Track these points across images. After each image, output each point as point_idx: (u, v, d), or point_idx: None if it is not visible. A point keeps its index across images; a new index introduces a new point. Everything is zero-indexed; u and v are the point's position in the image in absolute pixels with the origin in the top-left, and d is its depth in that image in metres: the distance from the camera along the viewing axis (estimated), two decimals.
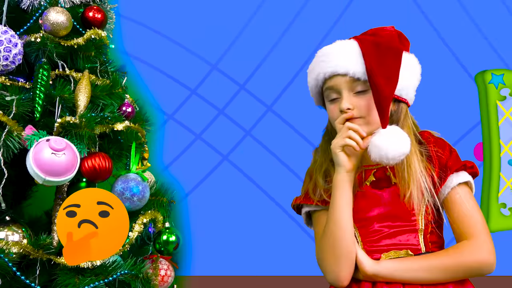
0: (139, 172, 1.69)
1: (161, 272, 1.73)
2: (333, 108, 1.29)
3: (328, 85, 1.28)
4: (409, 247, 1.24)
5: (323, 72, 1.28)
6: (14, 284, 1.44)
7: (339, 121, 1.26)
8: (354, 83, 1.25)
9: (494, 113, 2.36)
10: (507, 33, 2.41)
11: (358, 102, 1.25)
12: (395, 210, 1.26)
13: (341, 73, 1.25)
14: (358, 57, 1.25)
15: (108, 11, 1.86)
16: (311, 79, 1.33)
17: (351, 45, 1.28)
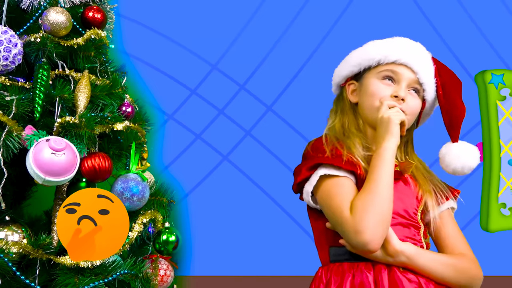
0: (138, 172, 1.69)
1: (160, 272, 1.73)
2: (382, 85, 1.31)
3: (394, 69, 1.32)
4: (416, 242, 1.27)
5: (399, 56, 1.32)
6: (13, 284, 1.44)
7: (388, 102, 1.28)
8: (415, 83, 1.32)
9: (494, 113, 2.35)
10: (507, 33, 2.41)
11: (410, 100, 1.31)
12: (404, 203, 1.29)
13: (414, 69, 1.32)
14: (430, 67, 1.35)
15: (108, 11, 1.86)
16: (376, 52, 1.34)
17: (427, 54, 1.38)
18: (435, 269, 1.23)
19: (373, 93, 1.32)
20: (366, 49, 1.38)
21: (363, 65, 1.35)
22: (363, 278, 1.21)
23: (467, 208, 2.33)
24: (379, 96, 1.30)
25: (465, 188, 2.33)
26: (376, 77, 1.33)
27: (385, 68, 1.32)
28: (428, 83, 1.33)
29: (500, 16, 2.42)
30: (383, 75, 1.32)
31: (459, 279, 1.26)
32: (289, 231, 2.28)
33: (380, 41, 1.38)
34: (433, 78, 1.34)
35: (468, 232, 2.29)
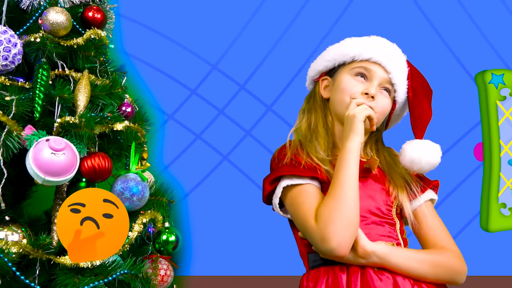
0: (138, 172, 1.69)
1: (160, 272, 1.73)
2: (354, 81, 1.32)
3: (367, 66, 1.32)
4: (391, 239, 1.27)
5: (373, 54, 1.32)
6: (13, 284, 1.44)
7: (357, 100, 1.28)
8: (387, 83, 1.33)
9: (494, 113, 2.36)
10: (507, 33, 2.41)
11: (380, 98, 1.32)
12: (376, 201, 1.29)
13: (387, 68, 1.32)
14: (403, 69, 1.35)
15: (108, 11, 1.86)
16: (351, 48, 1.35)
17: (402, 57, 1.38)
18: (410, 267, 1.22)
19: (344, 89, 1.32)
20: (342, 45, 1.38)
21: (338, 60, 1.36)
22: (336, 280, 1.22)
23: (467, 208, 2.34)
24: (349, 92, 1.31)
25: (465, 188, 2.35)
26: (349, 73, 1.33)
27: (359, 65, 1.32)
28: (400, 84, 1.33)
29: (500, 16, 2.42)
30: (356, 71, 1.32)
31: (439, 274, 1.24)
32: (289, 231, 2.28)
33: (357, 38, 1.39)
34: (405, 80, 1.34)
35: (468, 232, 2.31)
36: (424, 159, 1.28)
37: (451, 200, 2.40)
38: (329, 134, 1.34)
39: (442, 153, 1.33)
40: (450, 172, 2.33)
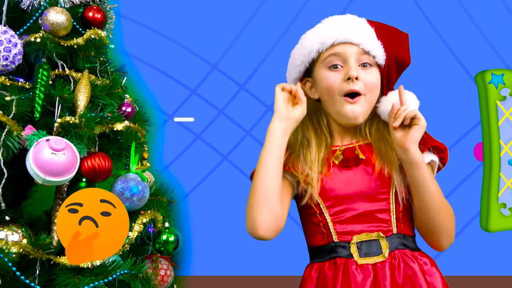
0: (138, 172, 1.69)
1: (160, 272, 1.73)
2: (333, 75, 1.27)
3: (336, 51, 1.27)
4: (380, 227, 1.24)
5: (335, 37, 1.27)
6: (13, 284, 1.44)
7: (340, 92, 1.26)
8: (363, 55, 1.27)
9: (494, 113, 2.36)
10: (507, 33, 2.41)
11: (364, 75, 1.27)
12: (366, 188, 1.26)
13: (354, 42, 1.27)
14: (370, 33, 1.30)
15: (108, 11, 1.87)
16: (311, 43, 1.30)
17: (362, 21, 1.34)
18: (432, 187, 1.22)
19: (327, 87, 1.28)
20: (303, 44, 1.33)
21: (306, 61, 1.32)
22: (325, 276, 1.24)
23: (467, 208, 2.34)
24: (334, 88, 1.27)
25: (465, 188, 2.35)
26: (323, 67, 1.29)
27: (327, 54, 1.28)
28: (374, 49, 1.28)
29: (500, 16, 2.42)
30: (328, 63, 1.28)
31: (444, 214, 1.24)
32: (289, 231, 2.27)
33: (312, 30, 1.34)
34: (377, 41, 1.29)
35: (468, 232, 2.31)
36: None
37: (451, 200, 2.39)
38: (323, 137, 1.32)
39: None
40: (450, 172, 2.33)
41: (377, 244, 1.23)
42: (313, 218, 1.30)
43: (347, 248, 1.24)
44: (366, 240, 1.23)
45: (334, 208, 1.26)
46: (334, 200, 1.27)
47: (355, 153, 1.28)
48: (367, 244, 1.23)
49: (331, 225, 1.26)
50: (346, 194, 1.26)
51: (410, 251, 1.25)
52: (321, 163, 1.29)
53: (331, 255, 1.26)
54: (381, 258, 1.22)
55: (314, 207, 1.29)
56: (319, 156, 1.29)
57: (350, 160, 1.28)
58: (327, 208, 1.27)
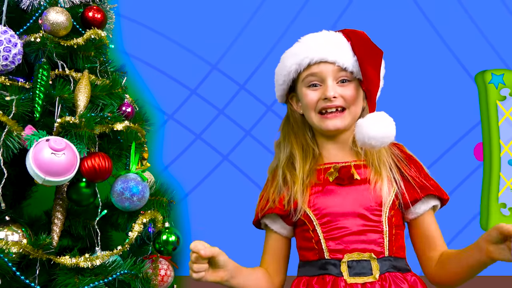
0: (138, 172, 1.69)
1: (161, 272, 1.73)
2: (311, 93, 1.29)
3: (312, 71, 1.28)
4: (373, 248, 1.23)
5: (310, 57, 1.28)
6: (13, 284, 1.43)
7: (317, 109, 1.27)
8: (340, 72, 1.27)
9: (494, 113, 2.36)
10: (507, 33, 2.41)
11: (343, 91, 1.27)
12: (360, 208, 1.25)
13: (329, 60, 1.27)
14: (345, 48, 1.28)
15: (108, 11, 1.86)
16: (290, 64, 1.31)
17: (338, 36, 1.31)
18: None
19: (306, 105, 1.31)
20: (283, 63, 1.35)
21: (287, 80, 1.34)
22: None
23: (467, 208, 2.35)
24: (309, 106, 1.29)
25: (465, 188, 2.35)
26: (304, 86, 1.31)
27: (306, 74, 1.29)
28: (351, 65, 1.27)
29: (500, 16, 2.42)
30: (307, 83, 1.30)
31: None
32: None
33: (290, 50, 1.34)
34: (353, 57, 1.27)
35: (468, 232, 2.31)
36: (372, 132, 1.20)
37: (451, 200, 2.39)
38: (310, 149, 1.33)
39: (443, 153, 1.31)
40: (450, 172, 2.33)
41: (368, 265, 1.22)
42: (305, 233, 1.30)
43: (337, 266, 1.23)
44: (357, 259, 1.23)
45: (328, 225, 1.26)
46: (328, 217, 1.26)
47: (350, 172, 1.27)
48: (358, 263, 1.22)
49: (323, 242, 1.26)
50: (341, 212, 1.25)
51: (400, 273, 1.25)
52: (307, 173, 1.30)
53: (320, 271, 1.25)
54: (371, 279, 1.21)
55: (307, 223, 1.29)
56: (304, 167, 1.31)
57: (344, 179, 1.27)
58: (321, 225, 1.26)
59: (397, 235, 1.27)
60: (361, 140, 1.22)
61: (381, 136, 1.19)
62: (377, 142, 1.20)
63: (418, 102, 2.36)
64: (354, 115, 1.30)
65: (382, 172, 1.26)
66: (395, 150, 1.33)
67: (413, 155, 1.34)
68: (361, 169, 1.28)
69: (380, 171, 1.26)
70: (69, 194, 1.62)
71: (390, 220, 1.25)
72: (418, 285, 1.25)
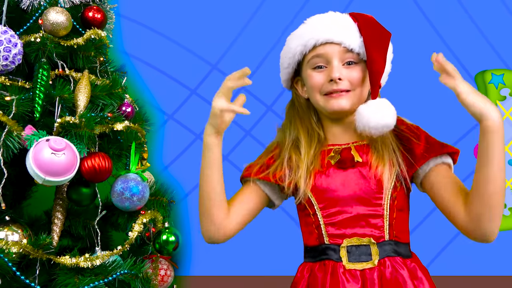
0: (138, 172, 1.69)
1: (160, 272, 1.73)
2: (317, 75, 1.27)
3: (318, 52, 1.26)
4: (372, 233, 1.22)
5: (316, 38, 1.25)
6: (14, 284, 1.44)
7: (322, 92, 1.25)
8: (346, 53, 1.25)
9: None
10: (507, 33, 2.41)
11: (348, 74, 1.25)
12: (360, 192, 1.24)
13: (335, 41, 1.24)
14: (352, 29, 1.26)
15: (108, 11, 1.87)
16: (295, 45, 1.29)
17: (345, 17, 1.29)
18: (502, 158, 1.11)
19: (311, 87, 1.28)
20: (288, 46, 1.33)
21: (292, 63, 1.32)
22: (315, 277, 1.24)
23: None
24: (317, 88, 1.27)
25: None
26: (309, 68, 1.29)
27: (311, 55, 1.27)
28: (357, 46, 1.24)
29: (500, 16, 2.42)
30: (312, 64, 1.27)
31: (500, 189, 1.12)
32: (289, 231, 2.28)
33: (295, 31, 1.32)
34: (360, 38, 1.25)
35: None
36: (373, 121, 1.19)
37: None
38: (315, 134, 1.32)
39: None
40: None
41: (367, 250, 1.21)
42: (307, 218, 1.30)
43: (337, 251, 1.23)
44: (356, 244, 1.22)
45: (328, 209, 1.25)
46: (328, 201, 1.26)
47: (351, 154, 1.26)
48: (357, 248, 1.22)
49: (323, 227, 1.25)
50: (341, 196, 1.24)
51: (401, 258, 1.23)
52: (311, 158, 1.28)
53: (321, 257, 1.25)
54: (370, 265, 1.20)
55: (308, 207, 1.28)
56: (309, 152, 1.29)
57: (346, 162, 1.26)
58: (321, 210, 1.26)
59: (398, 218, 1.24)
60: (360, 128, 1.21)
61: (381, 125, 1.19)
62: (376, 131, 1.19)
63: (418, 102, 2.35)
64: (360, 97, 1.27)
65: (384, 155, 1.24)
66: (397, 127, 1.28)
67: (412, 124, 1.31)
68: (364, 149, 1.27)
69: (382, 154, 1.24)
70: (69, 194, 1.62)
71: (392, 203, 1.23)
72: (418, 271, 1.23)
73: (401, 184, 1.25)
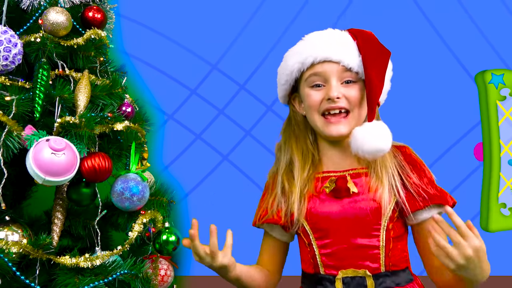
0: (138, 172, 1.69)
1: (160, 272, 1.73)
2: (314, 94, 1.24)
3: (316, 70, 1.24)
4: (368, 265, 1.20)
5: (314, 56, 1.23)
6: (13, 284, 1.43)
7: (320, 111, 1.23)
8: (344, 72, 1.23)
9: (494, 113, 2.35)
10: (507, 33, 2.41)
11: (347, 92, 1.23)
12: (356, 223, 1.20)
13: (334, 60, 1.22)
14: (351, 47, 1.23)
15: (108, 11, 1.86)
16: (293, 63, 1.27)
17: (344, 35, 1.26)
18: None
19: (309, 106, 1.26)
20: (285, 62, 1.31)
21: (290, 80, 1.29)
22: None
23: (467, 208, 2.34)
24: (314, 108, 1.24)
25: (465, 188, 2.35)
26: (307, 86, 1.26)
27: (309, 73, 1.25)
28: (356, 65, 1.22)
29: (500, 16, 2.42)
30: (310, 83, 1.25)
31: None
32: None
33: (293, 48, 1.30)
34: (359, 57, 1.22)
35: None
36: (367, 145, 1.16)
37: None
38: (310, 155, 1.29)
39: (443, 152, 1.28)
40: (450, 172, 2.33)
41: (363, 282, 1.19)
42: (303, 247, 1.29)
43: (332, 282, 1.21)
44: (352, 276, 1.20)
45: (323, 240, 1.23)
46: (323, 231, 1.23)
47: (347, 184, 1.22)
48: (353, 280, 1.19)
49: (318, 257, 1.24)
50: (336, 227, 1.22)
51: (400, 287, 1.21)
52: (305, 182, 1.26)
53: (317, 286, 1.24)
54: None
55: (304, 237, 1.27)
56: (302, 175, 1.27)
57: (341, 191, 1.22)
58: (316, 240, 1.24)
59: (395, 249, 1.22)
60: (354, 151, 1.19)
61: (375, 150, 1.16)
62: (370, 155, 1.17)
63: (418, 102, 2.36)
64: (358, 119, 1.24)
65: (383, 179, 1.20)
66: (399, 155, 1.26)
67: (418, 158, 1.28)
68: (361, 177, 1.23)
69: (381, 178, 1.21)
70: (69, 194, 1.62)
71: (388, 234, 1.20)
72: None
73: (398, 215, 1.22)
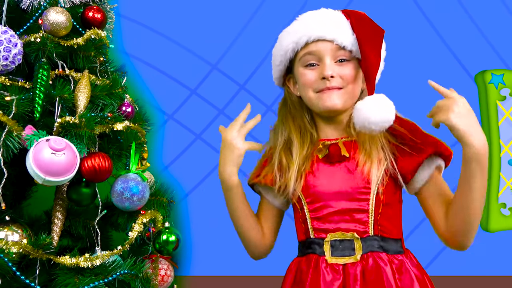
0: (138, 172, 1.69)
1: (161, 272, 1.73)
2: (309, 73, 1.26)
3: (310, 49, 1.25)
4: (356, 228, 1.21)
5: (308, 35, 1.24)
6: (13, 284, 1.43)
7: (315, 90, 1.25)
8: (338, 51, 1.24)
9: (494, 113, 2.36)
10: (507, 33, 2.41)
11: (341, 71, 1.24)
12: (345, 187, 1.23)
13: (328, 38, 1.23)
14: (345, 26, 1.24)
15: (108, 11, 1.87)
16: (287, 43, 1.28)
17: (337, 14, 1.28)
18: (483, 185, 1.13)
19: (303, 85, 1.27)
20: (280, 43, 1.32)
21: (284, 60, 1.30)
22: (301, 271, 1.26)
23: None
24: (309, 86, 1.26)
25: None
26: (301, 65, 1.27)
27: (303, 52, 1.26)
28: (350, 43, 1.23)
29: (500, 16, 2.42)
30: (304, 62, 1.26)
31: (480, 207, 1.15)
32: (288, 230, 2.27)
33: (288, 28, 1.31)
34: (352, 35, 1.23)
35: None
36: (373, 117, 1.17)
37: None
38: (308, 134, 1.31)
39: None
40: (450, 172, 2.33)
41: (351, 245, 1.21)
42: (296, 213, 1.31)
43: (321, 245, 1.23)
44: (340, 239, 1.21)
45: (314, 204, 1.26)
46: (314, 196, 1.26)
47: (339, 148, 1.25)
48: (341, 243, 1.21)
49: (309, 221, 1.26)
50: (327, 191, 1.24)
51: (387, 254, 1.21)
52: (303, 160, 1.28)
53: (307, 251, 1.26)
54: (352, 260, 1.20)
55: (296, 202, 1.29)
56: (301, 153, 1.29)
57: (334, 156, 1.25)
58: (307, 204, 1.26)
59: (385, 213, 1.23)
60: (360, 124, 1.19)
61: (381, 120, 1.17)
62: (377, 126, 1.18)
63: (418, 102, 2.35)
64: (352, 95, 1.26)
65: (372, 153, 1.22)
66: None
67: (403, 117, 1.29)
68: (351, 145, 1.26)
69: (370, 151, 1.22)
70: (69, 194, 1.62)
71: (378, 198, 1.21)
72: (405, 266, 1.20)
73: (389, 178, 1.23)
